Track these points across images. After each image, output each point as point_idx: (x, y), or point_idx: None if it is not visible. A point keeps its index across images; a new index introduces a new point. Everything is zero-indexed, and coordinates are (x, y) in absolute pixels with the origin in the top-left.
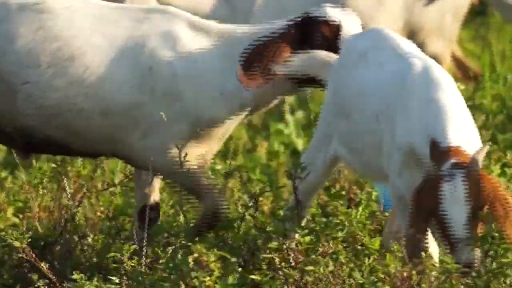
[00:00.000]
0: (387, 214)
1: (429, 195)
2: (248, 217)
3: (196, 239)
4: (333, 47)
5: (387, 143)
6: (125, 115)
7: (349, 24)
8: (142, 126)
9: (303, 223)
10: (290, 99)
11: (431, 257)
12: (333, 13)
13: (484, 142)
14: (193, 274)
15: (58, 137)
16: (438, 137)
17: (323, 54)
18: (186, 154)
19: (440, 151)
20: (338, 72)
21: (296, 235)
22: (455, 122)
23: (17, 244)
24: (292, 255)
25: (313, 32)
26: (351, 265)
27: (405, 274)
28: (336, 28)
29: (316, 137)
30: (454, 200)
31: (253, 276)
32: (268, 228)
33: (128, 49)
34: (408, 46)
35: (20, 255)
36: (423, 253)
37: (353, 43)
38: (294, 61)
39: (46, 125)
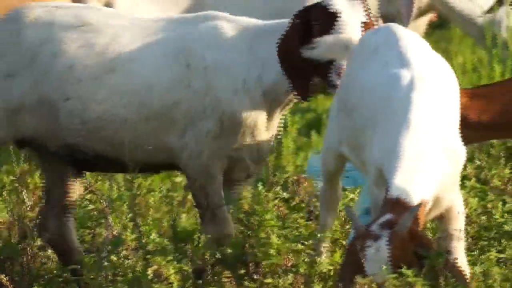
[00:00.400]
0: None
1: (357, 250)
2: None
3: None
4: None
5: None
6: (164, 116)
7: (350, 14)
8: (179, 125)
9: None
10: None
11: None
12: (335, 1)
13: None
14: (152, 286)
15: (104, 152)
16: (390, 185)
17: (346, 38)
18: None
19: (384, 201)
20: (350, 65)
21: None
22: (409, 162)
23: None
24: (252, 267)
25: (313, 20)
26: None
27: (365, 286)
28: (333, 17)
29: (326, 134)
30: (377, 262)
31: None
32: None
33: (167, 50)
34: (416, 48)
35: None
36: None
37: (368, 37)
38: (320, 44)
39: (90, 140)
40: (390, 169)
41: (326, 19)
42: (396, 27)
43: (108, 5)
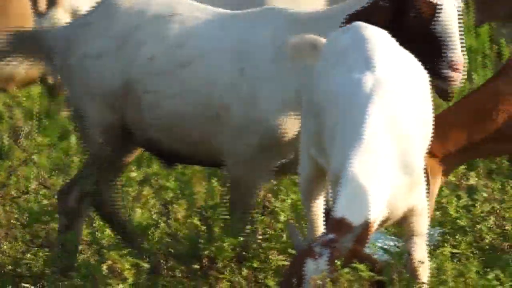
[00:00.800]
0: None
1: (297, 267)
2: (162, 224)
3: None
4: (425, 28)
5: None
6: (220, 118)
7: (449, 7)
8: (230, 130)
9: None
10: None
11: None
12: None
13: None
14: (107, 281)
15: (179, 149)
16: (336, 201)
17: (312, 38)
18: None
19: (328, 219)
20: (317, 66)
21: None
22: (357, 181)
23: None
24: (206, 261)
25: (408, 5)
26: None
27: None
28: (434, 8)
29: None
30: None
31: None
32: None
33: (228, 50)
34: (384, 50)
35: None
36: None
37: (336, 37)
38: (287, 45)
39: (166, 136)
40: (339, 186)
41: (426, 10)
42: (365, 27)
43: (75, 12)
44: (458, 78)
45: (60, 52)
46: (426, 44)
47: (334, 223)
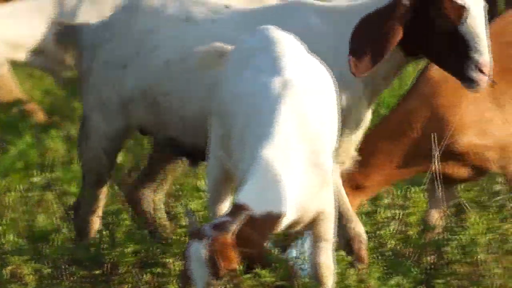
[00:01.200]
0: None
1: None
2: (64, 229)
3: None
4: (452, 29)
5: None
6: None
7: (477, 10)
8: None
9: None
10: None
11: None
12: None
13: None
14: (8, 286)
15: (204, 147)
16: (238, 191)
17: (219, 46)
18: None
19: (232, 204)
20: (226, 69)
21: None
22: (264, 174)
23: None
24: (108, 267)
25: (433, 6)
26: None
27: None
28: (460, 9)
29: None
30: (196, 261)
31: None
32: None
33: None
34: (292, 54)
35: None
36: None
37: (245, 41)
38: (194, 54)
39: (191, 136)
40: (246, 178)
41: (453, 12)
42: (273, 31)
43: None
44: (484, 80)
45: (87, 55)
46: (452, 46)
47: (233, 208)
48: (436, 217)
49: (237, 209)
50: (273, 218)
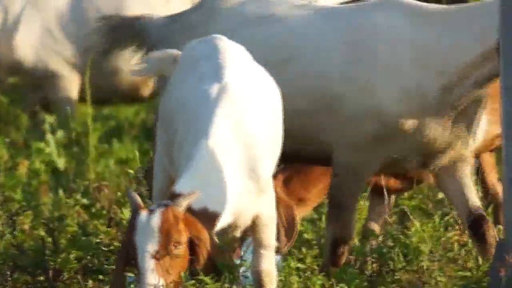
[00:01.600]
0: None
1: (131, 226)
2: (7, 235)
3: None
4: None
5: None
6: (330, 109)
7: None
8: (340, 119)
9: None
10: (50, 119)
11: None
12: None
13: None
14: None
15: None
16: (177, 182)
17: (174, 52)
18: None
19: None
20: (173, 75)
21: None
22: (200, 171)
23: None
24: (52, 273)
25: None
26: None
27: None
28: None
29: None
30: (146, 230)
31: None
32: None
33: (339, 41)
34: (235, 62)
35: None
36: None
37: (192, 47)
38: (149, 60)
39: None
40: (182, 172)
41: None
42: (219, 39)
43: None
44: None
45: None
46: None
47: (171, 195)
48: (378, 224)
49: (175, 195)
50: (209, 215)
